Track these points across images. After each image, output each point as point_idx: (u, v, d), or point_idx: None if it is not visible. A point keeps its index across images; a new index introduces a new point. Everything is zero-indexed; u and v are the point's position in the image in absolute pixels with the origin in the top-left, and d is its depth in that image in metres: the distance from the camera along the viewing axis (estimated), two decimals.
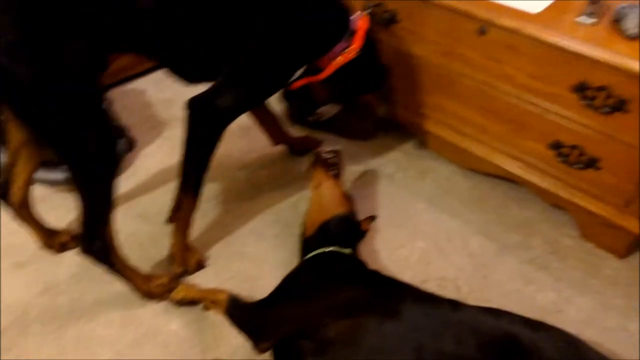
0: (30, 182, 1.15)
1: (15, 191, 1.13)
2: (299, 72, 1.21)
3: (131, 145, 1.52)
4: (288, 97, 1.36)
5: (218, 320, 1.11)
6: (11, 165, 1.11)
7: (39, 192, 1.40)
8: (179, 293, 1.13)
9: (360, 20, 1.22)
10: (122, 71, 1.69)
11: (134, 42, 1.03)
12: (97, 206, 1.00)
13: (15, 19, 0.80)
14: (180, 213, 1.18)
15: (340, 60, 1.20)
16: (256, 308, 1.03)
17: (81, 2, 0.87)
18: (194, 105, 1.08)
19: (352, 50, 1.20)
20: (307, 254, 1.12)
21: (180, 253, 1.21)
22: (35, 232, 1.24)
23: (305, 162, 1.50)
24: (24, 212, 1.18)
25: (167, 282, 1.16)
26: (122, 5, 0.94)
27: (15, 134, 1.06)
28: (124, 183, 1.44)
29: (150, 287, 1.14)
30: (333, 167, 1.27)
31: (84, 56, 0.89)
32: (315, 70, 1.24)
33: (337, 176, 1.26)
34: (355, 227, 1.19)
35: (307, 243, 1.15)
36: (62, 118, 0.89)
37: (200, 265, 1.22)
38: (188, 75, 1.14)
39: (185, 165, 1.15)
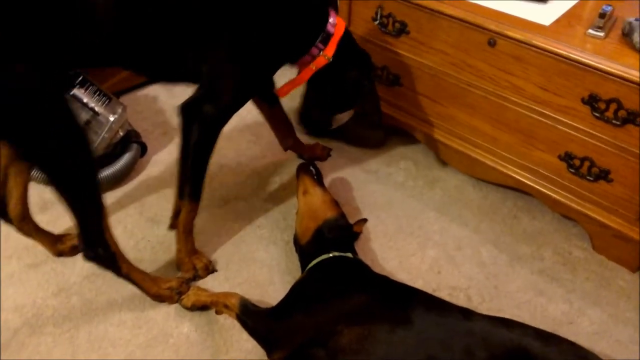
0: (25, 195, 1.15)
1: (13, 207, 1.13)
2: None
3: (143, 151, 1.55)
4: (304, 114, 1.37)
5: (229, 324, 1.11)
6: (3, 182, 1.10)
7: (53, 196, 1.42)
8: (189, 299, 1.14)
9: (337, 25, 1.18)
10: (135, 77, 1.72)
11: (97, 55, 1.00)
12: (86, 215, 1.00)
13: None
14: (181, 219, 1.18)
15: (314, 64, 1.18)
16: (268, 316, 1.03)
17: (35, 24, 0.85)
18: (185, 112, 1.10)
19: (325, 54, 1.16)
20: (306, 261, 1.13)
21: (187, 258, 1.21)
22: (41, 242, 1.24)
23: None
24: (26, 225, 1.18)
25: (176, 286, 1.16)
26: (79, 19, 0.91)
27: (1, 151, 1.06)
28: (136, 188, 1.46)
29: (160, 290, 1.15)
30: (317, 175, 1.29)
31: (44, 74, 0.88)
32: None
33: (321, 183, 1.28)
34: (348, 229, 1.20)
35: (304, 250, 1.16)
36: (31, 133, 0.89)
37: (209, 270, 1.23)
38: (163, 79, 1.15)
39: (182, 171, 1.16)
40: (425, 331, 0.94)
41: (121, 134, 1.47)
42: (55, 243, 1.26)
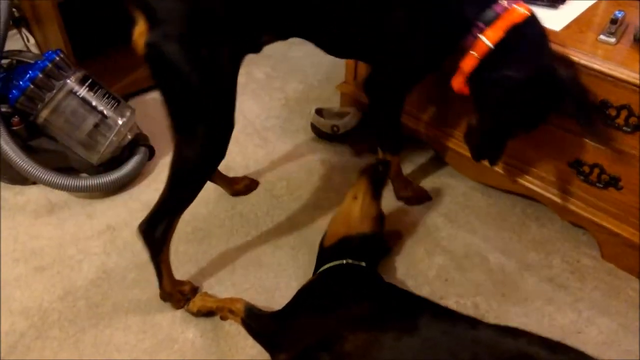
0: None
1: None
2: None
3: (150, 155, 1.55)
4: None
5: (234, 330, 1.11)
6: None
7: (60, 199, 1.43)
8: (195, 304, 1.14)
9: (511, 9, 0.95)
10: (143, 80, 1.72)
11: (288, 24, 1.03)
12: (181, 195, 1.04)
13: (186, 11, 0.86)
14: (392, 170, 1.33)
15: (475, 49, 0.97)
16: (273, 319, 1.03)
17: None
18: (367, 88, 1.22)
19: (483, 36, 0.94)
20: (321, 263, 1.12)
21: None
22: (220, 184, 1.41)
23: (336, 175, 1.51)
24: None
25: (187, 290, 1.17)
26: None
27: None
28: (143, 191, 1.47)
29: (173, 290, 1.15)
30: (379, 182, 1.19)
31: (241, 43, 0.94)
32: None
33: (379, 194, 1.20)
34: (381, 245, 1.18)
35: (324, 252, 1.15)
36: (199, 100, 0.93)
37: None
38: (335, 52, 1.18)
39: (380, 130, 1.32)
40: (431, 339, 0.93)
41: (129, 137, 1.48)
42: (230, 183, 1.41)
